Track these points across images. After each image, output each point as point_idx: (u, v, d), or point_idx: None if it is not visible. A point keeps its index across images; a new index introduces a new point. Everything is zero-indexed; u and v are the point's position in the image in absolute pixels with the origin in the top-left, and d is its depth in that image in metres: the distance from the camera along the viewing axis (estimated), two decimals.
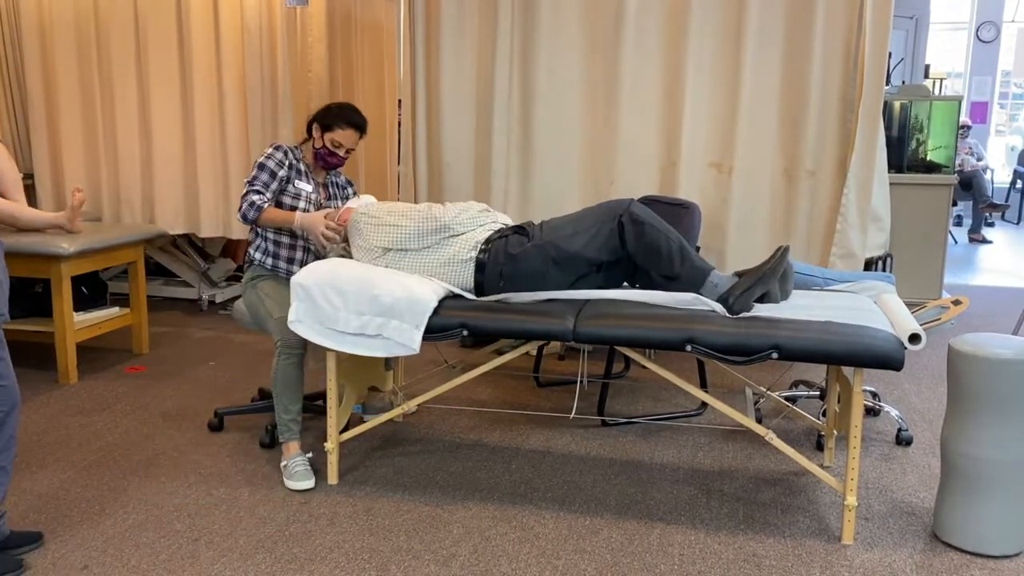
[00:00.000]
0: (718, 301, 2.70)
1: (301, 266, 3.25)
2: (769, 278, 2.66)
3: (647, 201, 4.02)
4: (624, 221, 2.80)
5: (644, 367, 2.84)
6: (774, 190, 4.22)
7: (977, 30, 10.68)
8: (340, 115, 3.20)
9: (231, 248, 5.92)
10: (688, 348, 2.58)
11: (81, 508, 2.82)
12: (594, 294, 2.88)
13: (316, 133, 3.23)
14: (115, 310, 4.45)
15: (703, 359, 4.00)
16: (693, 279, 2.78)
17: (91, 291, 4.46)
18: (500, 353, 2.99)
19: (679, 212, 3.80)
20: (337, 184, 3.38)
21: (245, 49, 5.03)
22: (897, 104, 5.52)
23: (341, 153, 3.24)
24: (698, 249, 3.96)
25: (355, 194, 3.46)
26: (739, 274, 2.75)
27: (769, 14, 4.07)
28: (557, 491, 2.98)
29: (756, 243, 4.27)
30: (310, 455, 3.10)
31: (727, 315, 2.65)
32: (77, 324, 4.14)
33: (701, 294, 2.76)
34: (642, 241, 2.79)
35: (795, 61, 4.08)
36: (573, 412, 3.75)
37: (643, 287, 2.98)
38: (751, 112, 4.15)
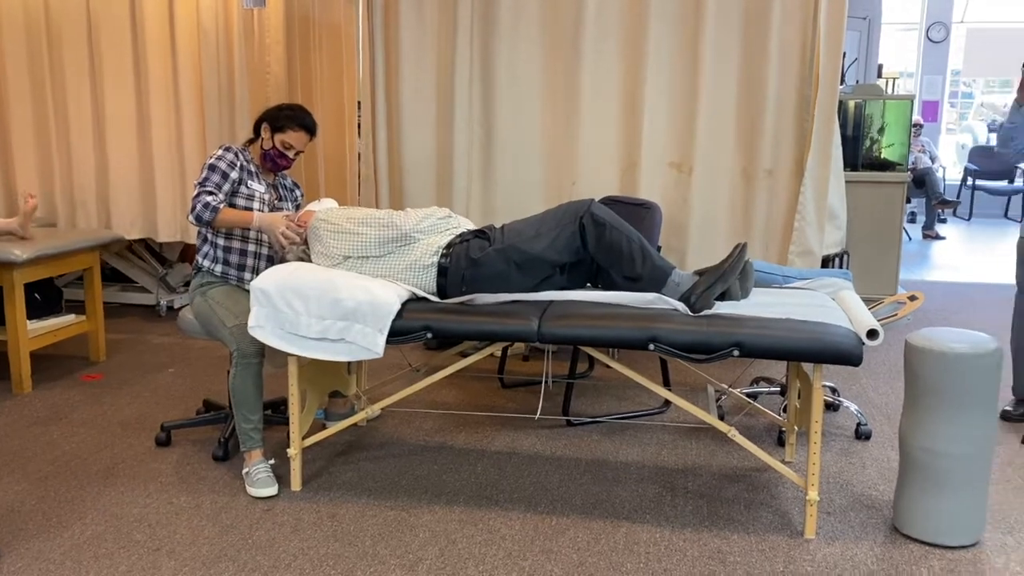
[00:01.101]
0: (680, 300, 2.71)
1: (253, 272, 3.19)
2: (729, 275, 2.68)
3: (608, 201, 4.04)
4: (585, 222, 2.81)
5: (608, 366, 2.85)
6: (733, 189, 4.26)
7: (927, 30, 10.89)
8: (292, 117, 3.14)
9: (189, 252, 5.84)
10: (651, 347, 2.59)
11: (37, 520, 2.76)
12: (558, 295, 2.88)
13: (265, 134, 3.17)
14: (70, 317, 4.36)
15: (666, 357, 4.02)
16: (655, 279, 2.79)
17: (45, 298, 4.37)
18: (464, 355, 2.98)
19: (640, 212, 3.82)
20: (285, 186, 3.33)
21: (202, 51, 4.97)
22: (852, 103, 5.60)
23: (291, 155, 3.18)
24: (659, 249, 3.98)
25: (302, 196, 3.42)
26: (700, 272, 2.78)
27: (726, 17, 4.11)
28: (523, 492, 2.98)
29: (716, 242, 4.30)
30: (272, 462, 3.06)
31: (689, 314, 2.67)
32: (31, 332, 4.05)
33: (663, 293, 2.78)
34: (603, 242, 2.80)
35: (752, 62, 4.12)
36: (538, 413, 3.76)
37: (605, 287, 2.99)
38: (710, 113, 4.18)
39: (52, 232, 4.39)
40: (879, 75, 8.00)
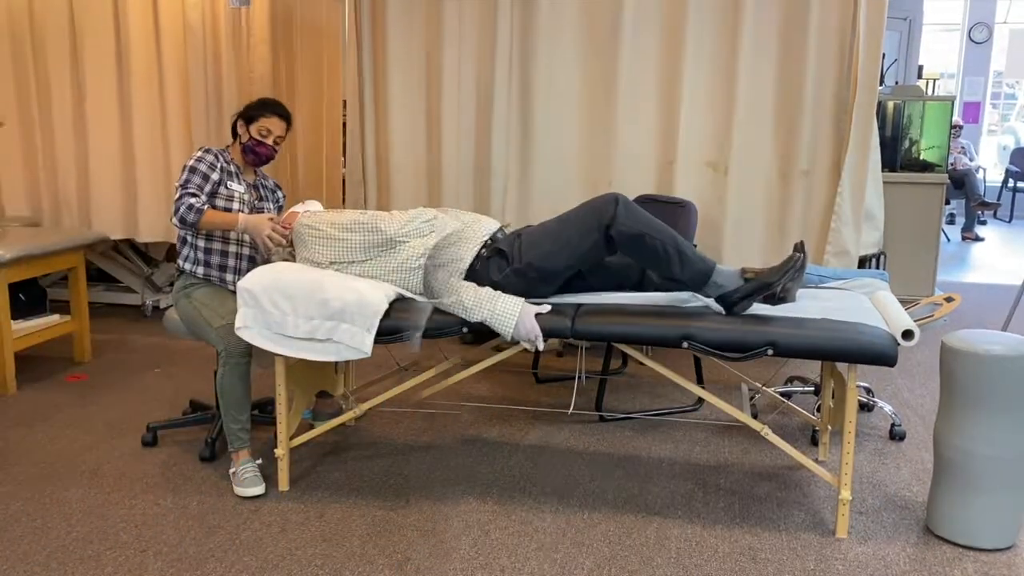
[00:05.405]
0: (720, 298, 2.73)
1: (235, 273, 3.25)
2: (776, 286, 2.66)
3: (644, 200, 4.11)
4: (614, 235, 2.79)
5: (641, 363, 2.91)
6: (769, 189, 4.32)
7: (969, 31, 10.95)
8: (262, 105, 3.25)
9: (175, 252, 5.89)
10: (685, 345, 2.64)
11: (22, 523, 2.80)
12: (589, 298, 2.92)
13: (241, 129, 3.26)
14: (55, 317, 4.42)
15: (699, 355, 4.07)
16: (695, 281, 2.80)
17: (29, 298, 4.43)
18: (499, 350, 3.03)
19: (676, 210, 3.92)
20: (266, 187, 3.40)
21: (188, 50, 5.04)
22: (891, 104, 5.66)
23: (269, 141, 3.23)
24: (695, 246, 4.03)
25: (284, 197, 3.48)
26: (745, 272, 2.77)
27: (764, 16, 4.18)
28: (555, 486, 3.05)
29: (752, 241, 4.36)
30: (259, 461, 3.10)
31: (722, 312, 2.71)
32: (15, 333, 4.11)
33: (704, 292, 2.80)
34: (644, 254, 2.81)
35: (790, 62, 4.19)
36: (571, 408, 3.84)
37: (636, 290, 3.02)
38: (747, 112, 4.25)
39: (36, 232, 4.47)
40: (919, 76, 8.06)
